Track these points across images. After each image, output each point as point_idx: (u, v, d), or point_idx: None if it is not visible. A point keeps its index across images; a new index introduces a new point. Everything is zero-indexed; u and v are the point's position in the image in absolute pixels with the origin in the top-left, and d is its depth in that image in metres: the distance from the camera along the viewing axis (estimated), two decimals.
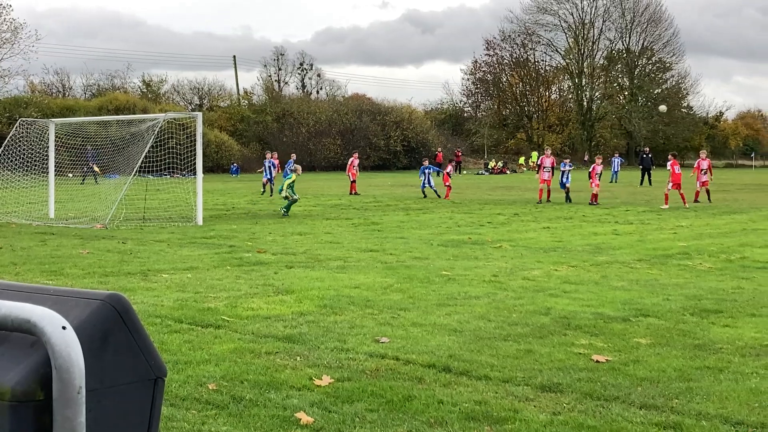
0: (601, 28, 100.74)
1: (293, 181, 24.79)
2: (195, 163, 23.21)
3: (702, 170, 32.59)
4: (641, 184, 46.92)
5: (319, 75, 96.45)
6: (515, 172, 73.58)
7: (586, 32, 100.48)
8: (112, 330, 2.04)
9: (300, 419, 5.77)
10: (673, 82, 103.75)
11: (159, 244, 16.82)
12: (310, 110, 79.06)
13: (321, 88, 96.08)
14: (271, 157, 38.97)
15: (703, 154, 34.08)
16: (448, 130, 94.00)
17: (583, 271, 13.24)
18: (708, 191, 32.41)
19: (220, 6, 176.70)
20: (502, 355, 7.58)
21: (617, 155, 58.35)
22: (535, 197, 32.78)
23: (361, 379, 6.79)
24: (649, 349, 7.93)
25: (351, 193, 37.03)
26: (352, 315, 9.40)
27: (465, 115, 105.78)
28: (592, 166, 31.56)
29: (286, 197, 24.77)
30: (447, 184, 35.81)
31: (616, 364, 7.31)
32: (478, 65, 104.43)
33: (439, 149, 70.72)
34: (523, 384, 6.70)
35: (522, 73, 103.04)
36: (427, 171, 36.03)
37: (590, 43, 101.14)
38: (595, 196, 30.31)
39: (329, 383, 6.63)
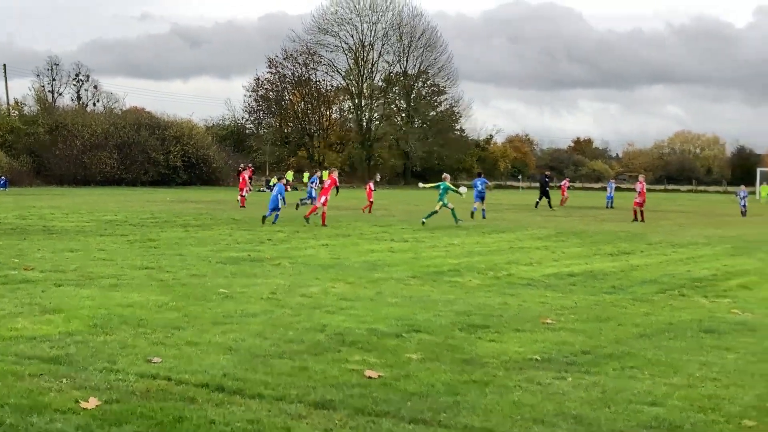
0: (380, 51, 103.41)
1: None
2: None
3: (638, 192, 36.42)
4: (536, 206, 46.92)
5: (95, 87, 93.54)
6: (296, 189, 73.79)
7: (365, 54, 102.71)
8: None
9: None
10: (447, 106, 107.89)
11: None
12: (85, 123, 76.34)
13: (98, 101, 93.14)
14: None
15: (641, 177, 38.01)
16: (229, 146, 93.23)
17: (359, 287, 13.47)
18: (636, 212, 35.87)
19: None
20: (276, 373, 7.59)
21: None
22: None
23: (131, 400, 6.60)
24: (419, 364, 8.17)
25: (241, 206, 39.08)
26: (123, 334, 9.13)
27: (247, 131, 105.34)
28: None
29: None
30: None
31: (387, 380, 7.48)
32: (260, 83, 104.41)
33: (249, 165, 68.27)
34: (297, 401, 6.73)
35: (304, 91, 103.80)
36: None
37: (369, 65, 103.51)
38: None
39: (96, 406, 6.41)
